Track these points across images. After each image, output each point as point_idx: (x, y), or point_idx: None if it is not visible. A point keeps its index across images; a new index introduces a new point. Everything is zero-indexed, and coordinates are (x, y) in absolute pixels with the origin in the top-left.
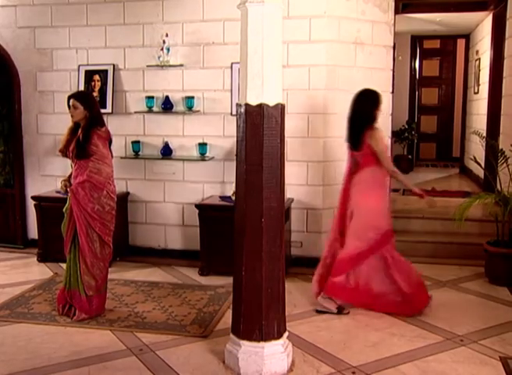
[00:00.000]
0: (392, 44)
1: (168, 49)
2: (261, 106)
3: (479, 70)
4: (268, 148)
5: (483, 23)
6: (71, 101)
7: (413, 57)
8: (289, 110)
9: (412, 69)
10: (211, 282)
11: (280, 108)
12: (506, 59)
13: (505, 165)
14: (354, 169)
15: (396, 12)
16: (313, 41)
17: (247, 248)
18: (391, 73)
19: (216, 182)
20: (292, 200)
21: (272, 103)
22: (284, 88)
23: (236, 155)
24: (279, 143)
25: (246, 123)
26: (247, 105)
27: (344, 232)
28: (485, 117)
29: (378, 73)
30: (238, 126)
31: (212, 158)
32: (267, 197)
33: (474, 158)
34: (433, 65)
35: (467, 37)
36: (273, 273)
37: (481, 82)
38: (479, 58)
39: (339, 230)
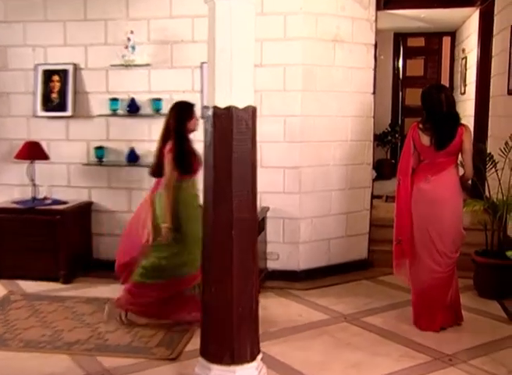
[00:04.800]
0: (373, 42)
1: (133, 47)
2: (230, 109)
3: (466, 70)
4: (238, 153)
5: (470, 20)
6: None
7: (396, 56)
8: (263, 113)
9: (395, 69)
10: None
11: (251, 111)
12: (493, 58)
13: (493, 170)
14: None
15: (378, 8)
16: (288, 39)
17: (215, 262)
18: (372, 72)
19: None
20: (267, 209)
21: (242, 105)
22: (257, 89)
23: (204, 162)
24: (251, 148)
25: (214, 127)
26: (215, 107)
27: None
28: (473, 119)
29: (358, 72)
30: (205, 131)
31: None
32: (237, 207)
33: (461, 163)
34: (417, 64)
35: (453, 34)
36: (245, 289)
37: (467, 82)
38: (466, 57)
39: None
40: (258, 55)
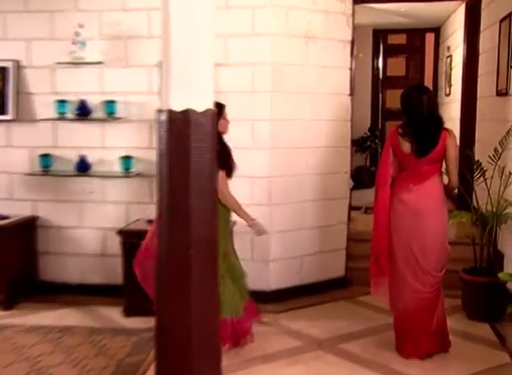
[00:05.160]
0: (350, 39)
1: (83, 43)
2: (186, 113)
3: (451, 69)
4: (196, 163)
5: (455, 15)
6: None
7: (375, 54)
8: (229, 116)
9: (375, 68)
10: (136, 324)
11: (211, 115)
12: (481, 55)
13: (482, 179)
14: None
15: (355, 1)
16: (257, 35)
17: (170, 285)
18: (349, 72)
19: (143, 203)
20: (234, 223)
21: (200, 109)
22: (222, 91)
23: (158, 174)
24: (210, 157)
25: (169, 133)
26: (169, 111)
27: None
28: (458, 122)
29: (333, 72)
30: (160, 138)
31: (138, 175)
32: (196, 223)
33: (446, 171)
34: (399, 63)
35: (437, 30)
36: (205, 316)
37: (453, 82)
38: (451, 55)
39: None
40: (223, 52)
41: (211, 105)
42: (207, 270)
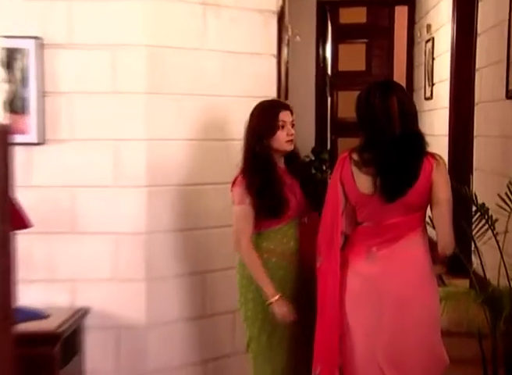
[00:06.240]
0: (276, 10)
1: None
2: None
3: (433, 59)
4: None
5: None
6: (288, 113)
7: (321, 38)
8: (75, 134)
9: (320, 59)
10: None
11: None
12: (479, 37)
13: (489, 231)
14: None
15: None
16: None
17: None
18: (276, 62)
19: None
20: (86, 311)
21: None
22: (62, 90)
23: None
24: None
25: None
26: None
27: None
28: (446, 141)
29: (250, 62)
30: None
31: None
32: None
33: (430, 219)
34: (356, 52)
35: (412, 2)
36: None
37: (436, 79)
38: (432, 39)
39: None
40: (60, 23)
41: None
42: None
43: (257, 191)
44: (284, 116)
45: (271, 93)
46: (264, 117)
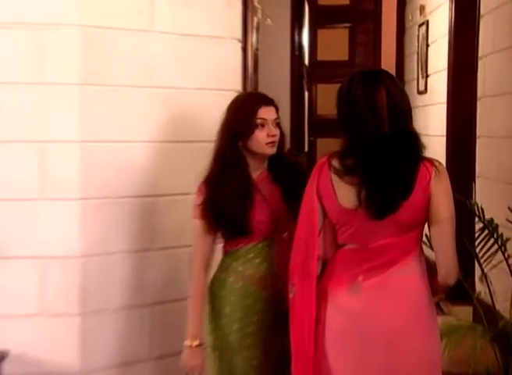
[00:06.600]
0: None
1: None
2: None
3: (427, 46)
4: None
5: None
6: (270, 110)
7: (297, 22)
8: None
9: (296, 47)
10: None
11: None
12: (483, 18)
13: (498, 252)
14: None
15: None
16: None
17: None
18: (241, 48)
19: None
20: (3, 355)
21: None
22: None
23: None
24: None
25: None
26: None
27: None
28: (443, 142)
29: (209, 47)
30: None
31: None
32: None
33: (428, 239)
34: (337, 38)
35: None
36: None
37: (431, 70)
38: (427, 22)
39: None
40: None
41: None
42: None
43: (211, 205)
44: (265, 112)
45: (235, 85)
46: (240, 113)
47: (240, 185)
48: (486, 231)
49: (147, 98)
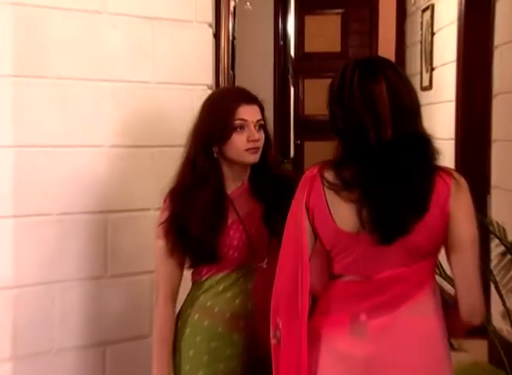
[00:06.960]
0: None
1: None
2: None
3: (432, 35)
4: None
5: None
6: (252, 109)
7: (281, 7)
8: None
9: (280, 36)
10: None
11: None
12: (499, 0)
13: None
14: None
15: None
16: None
17: None
18: (212, 36)
19: None
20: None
21: None
22: None
23: None
24: None
25: None
26: None
27: None
28: (452, 146)
29: (172, 33)
30: None
31: None
32: None
33: (442, 270)
34: (328, 26)
35: None
36: None
37: (437, 62)
38: (432, 6)
39: None
40: None
41: None
42: None
43: (175, 222)
44: (245, 111)
45: (205, 79)
46: (215, 112)
47: (211, 201)
48: (509, 256)
49: (97, 94)
